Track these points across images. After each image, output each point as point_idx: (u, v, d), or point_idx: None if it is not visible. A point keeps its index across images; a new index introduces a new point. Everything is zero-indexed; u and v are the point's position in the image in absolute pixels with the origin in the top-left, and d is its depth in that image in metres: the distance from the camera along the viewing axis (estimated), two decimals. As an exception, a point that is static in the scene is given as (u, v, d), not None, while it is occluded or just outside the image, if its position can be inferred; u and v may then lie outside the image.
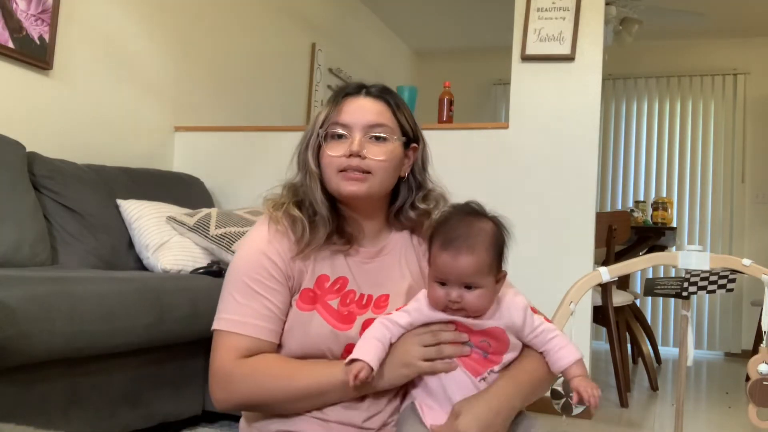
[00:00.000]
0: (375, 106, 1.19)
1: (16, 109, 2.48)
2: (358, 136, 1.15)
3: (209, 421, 2.15)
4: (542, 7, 2.83)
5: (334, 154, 1.15)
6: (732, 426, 2.83)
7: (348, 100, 1.19)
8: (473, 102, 5.81)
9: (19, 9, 2.46)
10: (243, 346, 1.11)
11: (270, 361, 1.12)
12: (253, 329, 1.12)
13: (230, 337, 1.12)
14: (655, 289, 1.38)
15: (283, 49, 4.21)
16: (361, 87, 1.21)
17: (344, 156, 1.14)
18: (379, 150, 1.15)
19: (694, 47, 5.49)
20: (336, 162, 1.14)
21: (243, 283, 1.14)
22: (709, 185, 5.41)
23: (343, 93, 1.20)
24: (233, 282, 1.16)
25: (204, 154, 3.28)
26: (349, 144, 1.14)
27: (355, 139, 1.14)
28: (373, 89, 1.21)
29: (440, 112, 3.04)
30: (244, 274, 1.14)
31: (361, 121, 1.16)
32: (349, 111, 1.17)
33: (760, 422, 1.13)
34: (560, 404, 1.15)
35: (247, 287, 1.13)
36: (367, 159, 1.14)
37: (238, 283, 1.15)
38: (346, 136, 1.16)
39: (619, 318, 3.34)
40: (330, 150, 1.16)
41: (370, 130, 1.16)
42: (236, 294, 1.14)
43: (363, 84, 1.22)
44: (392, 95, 1.23)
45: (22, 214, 2.15)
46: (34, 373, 1.52)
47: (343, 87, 1.23)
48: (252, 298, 1.13)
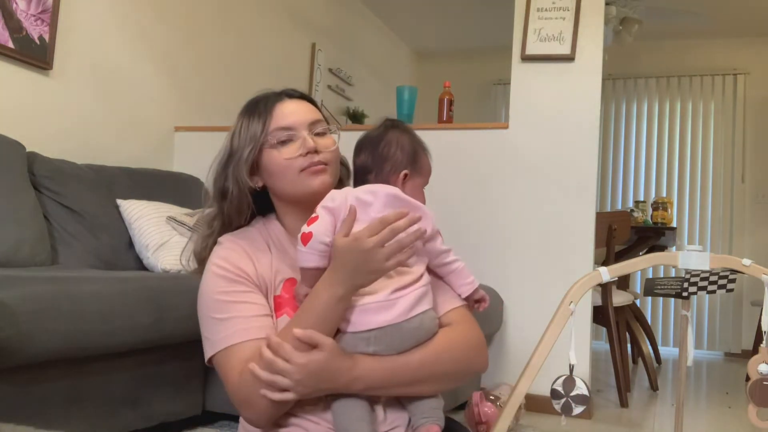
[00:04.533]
0: (304, 105, 1.22)
1: (16, 109, 2.48)
2: (305, 134, 1.17)
3: (209, 421, 2.15)
4: (542, 7, 2.83)
5: (290, 156, 1.15)
6: (732, 426, 2.83)
7: (278, 107, 1.19)
8: (473, 102, 5.81)
9: (19, 9, 2.46)
10: (241, 356, 1.08)
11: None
12: (246, 333, 1.09)
13: (229, 354, 1.10)
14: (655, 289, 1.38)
15: (283, 49, 4.21)
16: (278, 93, 1.23)
17: (300, 156, 1.15)
18: (327, 142, 1.19)
19: (694, 47, 5.50)
20: (295, 163, 1.15)
21: (215, 301, 1.12)
22: (709, 185, 5.41)
23: (268, 103, 1.20)
24: (206, 306, 1.14)
25: (204, 154, 3.24)
26: (300, 144, 1.16)
27: (306, 138, 1.16)
28: (291, 91, 1.24)
29: (440, 112, 3.04)
30: (213, 294, 1.13)
31: (302, 120, 1.18)
32: (287, 114, 1.18)
33: (760, 422, 1.13)
34: (560, 404, 1.15)
35: (221, 302, 1.12)
36: (322, 153, 1.17)
37: (210, 304, 1.13)
38: (294, 137, 1.17)
39: (619, 318, 3.34)
40: (284, 154, 1.16)
41: (312, 126, 1.19)
42: (213, 314, 1.12)
43: (276, 90, 1.24)
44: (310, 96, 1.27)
45: (22, 214, 2.15)
46: (34, 373, 1.52)
47: (259, 98, 1.22)
48: (230, 308, 1.11)
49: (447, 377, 1.13)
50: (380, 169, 1.19)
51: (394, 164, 1.19)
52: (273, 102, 1.20)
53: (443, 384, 1.14)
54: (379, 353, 1.06)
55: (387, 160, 1.19)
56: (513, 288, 2.81)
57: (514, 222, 2.80)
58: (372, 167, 1.20)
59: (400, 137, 1.22)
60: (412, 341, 1.08)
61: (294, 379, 1.01)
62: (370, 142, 1.22)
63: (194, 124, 3.33)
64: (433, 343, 1.10)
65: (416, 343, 1.08)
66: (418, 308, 1.07)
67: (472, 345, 1.17)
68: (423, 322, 1.09)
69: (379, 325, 1.05)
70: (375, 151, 1.21)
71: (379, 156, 1.20)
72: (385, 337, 1.06)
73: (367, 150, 1.22)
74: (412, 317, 1.07)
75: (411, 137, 1.23)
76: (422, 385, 1.10)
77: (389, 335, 1.06)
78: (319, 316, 1.04)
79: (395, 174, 1.19)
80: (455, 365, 1.13)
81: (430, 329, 1.11)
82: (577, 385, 1.15)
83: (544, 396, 1.53)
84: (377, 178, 1.19)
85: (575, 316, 1.15)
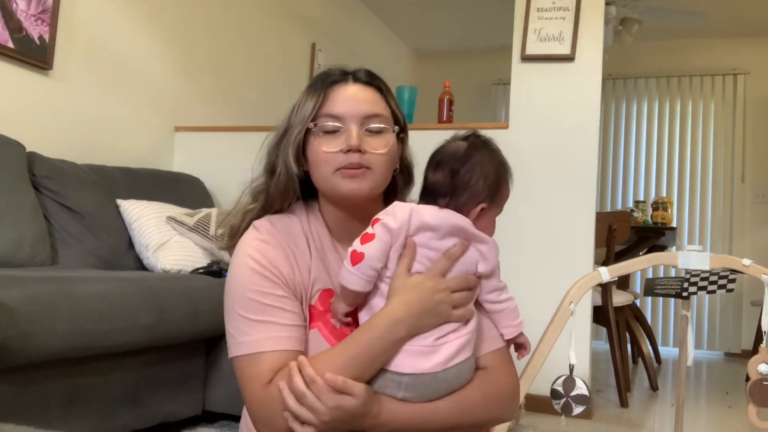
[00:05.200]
0: (367, 93, 1.08)
1: (16, 109, 2.48)
2: (354, 128, 1.04)
3: (209, 421, 2.15)
4: (542, 7, 2.83)
5: (330, 150, 1.04)
6: (732, 426, 2.83)
7: (336, 89, 1.07)
8: (473, 102, 5.81)
9: (19, 9, 2.46)
10: (268, 367, 1.00)
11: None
12: (278, 342, 1.00)
13: (257, 361, 1.00)
14: (655, 289, 1.38)
15: (283, 49, 4.21)
16: (346, 73, 1.10)
17: (341, 152, 1.03)
18: (378, 143, 1.05)
19: (694, 47, 5.49)
20: (333, 159, 1.04)
21: (248, 299, 1.02)
22: (709, 185, 5.41)
23: (328, 81, 1.08)
24: (237, 300, 1.04)
25: (204, 154, 3.28)
26: (345, 138, 1.03)
27: (352, 133, 1.03)
28: (361, 74, 1.10)
29: (440, 112, 3.04)
30: (245, 290, 1.03)
31: (355, 112, 1.05)
32: (341, 101, 1.06)
33: (760, 422, 1.13)
34: (560, 404, 1.15)
35: (255, 302, 1.02)
36: (367, 153, 1.04)
37: (241, 301, 1.03)
38: (340, 129, 1.05)
39: (619, 318, 3.34)
40: (324, 146, 1.04)
41: (366, 121, 1.05)
42: (245, 312, 1.02)
43: (347, 69, 1.10)
44: (380, 79, 1.12)
45: (22, 214, 2.15)
46: (34, 373, 1.52)
47: (325, 73, 1.10)
48: (264, 311, 1.02)
49: (474, 427, 1.06)
50: (456, 196, 1.05)
51: (473, 194, 1.05)
52: (334, 82, 1.08)
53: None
54: (407, 400, 0.99)
55: (466, 189, 1.04)
56: (513, 288, 2.78)
57: (514, 222, 2.80)
58: (447, 192, 1.05)
59: (485, 162, 1.06)
60: (445, 392, 1.01)
61: (320, 420, 0.94)
62: (452, 161, 1.06)
63: (194, 124, 3.33)
64: (465, 392, 1.03)
65: (448, 392, 1.02)
66: (459, 357, 1.01)
67: (505, 397, 1.08)
68: (461, 372, 1.02)
69: (416, 371, 0.98)
70: (455, 174, 1.05)
71: (458, 182, 1.05)
72: (419, 386, 0.99)
73: (446, 169, 1.05)
74: (450, 367, 1.00)
75: (497, 163, 1.08)
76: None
77: (423, 383, 0.99)
78: (370, 352, 0.96)
79: (472, 206, 1.05)
80: (484, 415, 1.06)
81: (466, 379, 1.04)
82: (577, 385, 1.15)
83: (544, 396, 1.53)
84: (450, 205, 1.05)
85: (575, 316, 1.15)
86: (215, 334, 2.06)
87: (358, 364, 0.96)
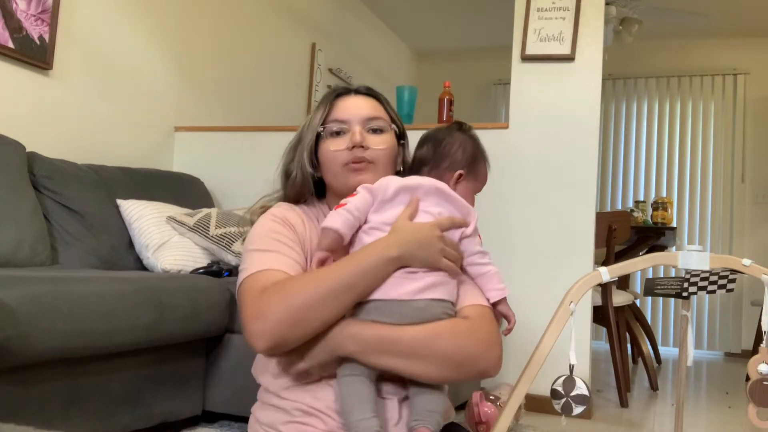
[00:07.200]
0: (367, 102, 1.26)
1: (16, 109, 2.48)
2: (357, 128, 1.20)
3: (209, 421, 2.15)
4: (542, 7, 2.83)
5: (336, 149, 1.20)
6: (732, 426, 2.83)
7: (340, 100, 1.25)
8: (473, 102, 5.82)
9: (19, 9, 2.46)
10: (268, 278, 1.09)
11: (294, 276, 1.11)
12: (278, 263, 1.11)
13: (258, 276, 1.10)
14: (655, 289, 1.38)
15: (283, 49, 4.21)
16: (349, 89, 1.29)
17: (347, 149, 1.19)
18: (378, 140, 1.22)
19: (694, 47, 5.50)
20: (340, 156, 1.20)
21: (261, 237, 1.16)
22: (709, 185, 5.41)
23: (334, 94, 1.27)
24: (251, 242, 1.17)
25: (204, 154, 3.28)
26: (349, 137, 1.20)
27: (355, 132, 1.20)
28: (362, 88, 1.29)
29: (440, 112, 3.04)
30: (262, 231, 1.17)
31: (358, 115, 1.22)
32: (345, 108, 1.24)
33: (759, 422, 1.13)
34: (560, 404, 1.15)
35: (267, 239, 1.15)
36: (370, 149, 1.20)
37: (255, 240, 1.16)
38: (345, 131, 1.21)
39: (619, 318, 3.34)
40: (332, 146, 1.21)
41: (367, 122, 1.22)
42: (257, 246, 1.15)
43: (350, 86, 1.30)
44: (379, 93, 1.30)
45: (22, 214, 2.15)
46: (34, 373, 1.52)
47: (333, 90, 1.30)
48: (274, 245, 1.14)
49: (445, 362, 1.06)
50: (437, 164, 1.21)
51: (452, 162, 1.21)
52: (339, 95, 1.26)
53: (441, 369, 1.06)
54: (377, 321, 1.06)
55: (446, 157, 1.21)
56: (513, 288, 2.77)
57: (514, 222, 2.80)
58: (429, 161, 1.22)
59: (464, 140, 1.23)
60: (412, 320, 1.05)
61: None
62: (434, 138, 1.24)
63: (194, 124, 3.33)
64: (434, 323, 1.07)
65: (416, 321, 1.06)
66: (428, 293, 1.07)
67: (480, 339, 1.10)
68: (430, 306, 1.07)
69: (383, 298, 1.06)
70: (437, 146, 1.22)
71: (439, 152, 1.21)
72: (386, 309, 1.06)
73: (429, 144, 1.23)
74: (417, 299, 1.06)
75: (475, 143, 1.25)
76: (417, 362, 1.05)
77: (389, 308, 1.06)
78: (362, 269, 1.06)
79: (450, 172, 1.20)
80: (456, 351, 1.06)
81: (435, 315, 1.07)
82: (577, 385, 1.15)
83: (544, 396, 1.53)
84: (432, 172, 1.20)
85: (575, 316, 1.15)
86: (215, 334, 2.07)
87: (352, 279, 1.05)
